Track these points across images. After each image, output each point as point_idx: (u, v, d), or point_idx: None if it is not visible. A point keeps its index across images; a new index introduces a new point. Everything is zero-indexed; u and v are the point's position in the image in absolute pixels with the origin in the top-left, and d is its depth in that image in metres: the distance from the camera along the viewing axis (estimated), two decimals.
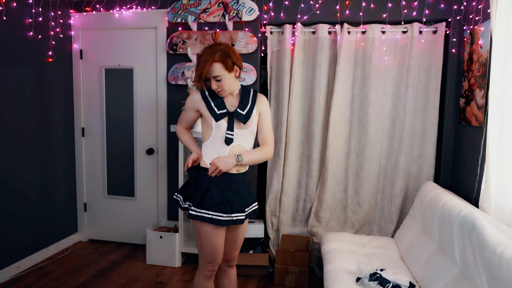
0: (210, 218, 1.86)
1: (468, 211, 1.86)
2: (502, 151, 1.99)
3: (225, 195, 1.90)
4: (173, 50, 3.29)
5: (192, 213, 1.89)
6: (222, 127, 1.91)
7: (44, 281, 2.92)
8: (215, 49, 1.83)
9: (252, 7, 3.10)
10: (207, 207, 1.87)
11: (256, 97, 2.02)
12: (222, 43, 1.88)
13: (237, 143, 1.94)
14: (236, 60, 1.87)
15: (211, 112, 1.92)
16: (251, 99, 1.99)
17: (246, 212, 1.99)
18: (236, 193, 1.94)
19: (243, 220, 1.96)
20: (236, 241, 2.08)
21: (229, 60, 1.84)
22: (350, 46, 2.99)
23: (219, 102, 1.93)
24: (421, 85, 2.93)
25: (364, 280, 2.07)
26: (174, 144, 3.44)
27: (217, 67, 1.82)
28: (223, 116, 1.91)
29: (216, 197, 1.88)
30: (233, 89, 1.95)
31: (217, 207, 1.87)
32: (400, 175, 2.95)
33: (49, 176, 3.37)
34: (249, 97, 1.99)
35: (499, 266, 1.47)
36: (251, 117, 1.96)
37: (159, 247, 3.22)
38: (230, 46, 1.88)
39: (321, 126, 3.10)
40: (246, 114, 1.94)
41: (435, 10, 2.87)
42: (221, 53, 1.82)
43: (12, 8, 2.92)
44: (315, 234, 3.13)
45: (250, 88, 2.05)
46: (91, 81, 3.61)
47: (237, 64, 1.89)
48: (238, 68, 1.91)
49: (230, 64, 1.85)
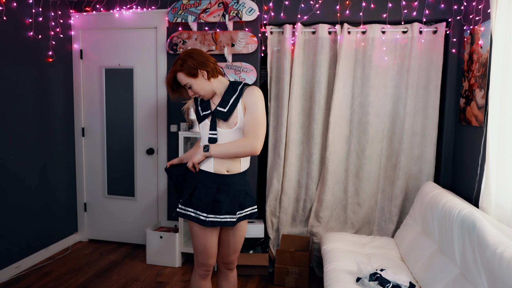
0: (195, 217, 1.86)
1: (468, 211, 1.86)
2: (502, 151, 1.99)
3: (213, 196, 1.85)
4: (173, 50, 3.29)
5: (179, 210, 1.91)
6: (206, 127, 1.91)
7: (44, 281, 2.92)
8: (177, 59, 1.88)
9: (252, 7, 3.10)
10: (195, 206, 1.87)
11: (243, 91, 1.89)
12: (186, 50, 1.91)
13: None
14: (197, 65, 1.83)
15: (196, 114, 1.96)
16: (236, 94, 1.88)
17: (238, 215, 1.91)
18: (227, 194, 1.87)
19: (234, 222, 1.89)
20: (233, 244, 2.01)
21: (188, 67, 1.83)
22: (350, 46, 2.99)
23: (206, 104, 1.94)
24: (421, 85, 2.93)
25: (364, 280, 2.07)
26: (174, 144, 3.44)
27: (181, 77, 1.86)
28: (206, 117, 1.91)
29: (203, 197, 1.85)
30: (213, 90, 1.91)
31: (204, 207, 1.85)
32: (400, 175, 2.95)
33: (49, 176, 3.37)
34: (234, 93, 1.88)
35: (499, 266, 1.47)
36: (234, 113, 1.86)
37: (159, 247, 3.22)
38: (190, 52, 1.86)
39: (321, 126, 3.10)
40: (228, 111, 1.85)
41: (435, 10, 2.87)
42: (181, 61, 1.85)
43: (12, 8, 2.92)
44: (315, 234, 3.13)
45: (239, 83, 1.93)
46: (91, 81, 3.61)
47: (200, 68, 1.84)
48: (204, 71, 1.85)
49: (191, 69, 1.84)
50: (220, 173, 1.87)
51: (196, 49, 1.90)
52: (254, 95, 1.86)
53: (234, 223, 1.89)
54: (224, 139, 1.87)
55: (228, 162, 1.88)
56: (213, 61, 1.91)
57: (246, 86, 1.91)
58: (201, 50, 1.91)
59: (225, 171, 1.89)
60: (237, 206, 1.91)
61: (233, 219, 1.88)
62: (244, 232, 2.04)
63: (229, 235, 1.99)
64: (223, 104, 1.88)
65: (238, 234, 2.01)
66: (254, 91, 1.87)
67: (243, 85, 1.92)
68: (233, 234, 1.99)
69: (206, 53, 1.91)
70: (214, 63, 1.90)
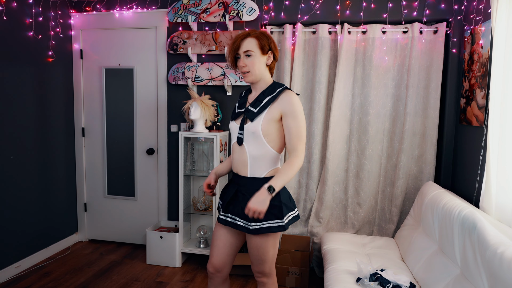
0: (219, 207, 1.95)
1: (469, 211, 1.85)
2: (502, 151, 1.99)
3: (227, 190, 1.90)
4: (173, 50, 3.29)
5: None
6: (235, 126, 1.85)
7: (44, 281, 2.92)
8: (253, 29, 1.79)
9: (252, 7, 3.09)
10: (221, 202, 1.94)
11: (280, 94, 1.74)
12: (260, 30, 1.80)
13: (245, 144, 1.79)
14: (272, 46, 1.78)
15: (232, 112, 1.93)
16: (272, 95, 1.75)
17: (250, 223, 1.75)
18: (231, 193, 1.84)
19: (239, 226, 1.78)
20: (250, 252, 1.84)
21: (266, 41, 1.75)
22: (350, 46, 2.99)
23: (242, 101, 1.88)
24: (422, 85, 2.92)
25: (364, 280, 2.07)
26: (174, 144, 3.44)
27: (251, 42, 1.74)
28: (240, 115, 1.84)
29: (226, 191, 1.92)
30: (261, 77, 1.79)
31: (223, 204, 1.90)
32: (401, 175, 2.95)
33: (49, 176, 3.37)
34: (271, 93, 1.76)
35: (499, 266, 1.46)
36: (259, 117, 1.74)
37: (159, 247, 3.22)
38: (268, 34, 1.80)
39: (322, 126, 3.10)
40: (258, 112, 1.75)
41: (436, 10, 2.86)
42: (260, 33, 1.76)
43: (12, 8, 2.92)
44: (316, 234, 3.13)
45: (281, 85, 1.79)
46: (91, 81, 3.60)
47: (273, 50, 1.78)
48: (273, 56, 1.79)
49: (265, 44, 1.75)
50: (235, 172, 1.88)
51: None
52: (293, 102, 1.71)
53: (238, 227, 1.80)
54: (248, 140, 1.78)
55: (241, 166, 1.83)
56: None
57: (285, 89, 1.77)
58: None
59: (236, 171, 1.87)
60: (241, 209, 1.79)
61: (239, 223, 1.79)
62: (260, 243, 1.79)
63: (247, 240, 1.85)
64: (255, 104, 1.78)
65: (253, 242, 1.80)
66: (292, 97, 1.73)
67: (283, 88, 1.78)
68: (249, 240, 1.83)
69: None
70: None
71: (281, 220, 1.75)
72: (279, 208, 1.75)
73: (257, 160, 1.78)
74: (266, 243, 1.78)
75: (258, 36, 1.75)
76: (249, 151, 1.78)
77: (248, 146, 1.78)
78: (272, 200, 1.71)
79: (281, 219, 1.75)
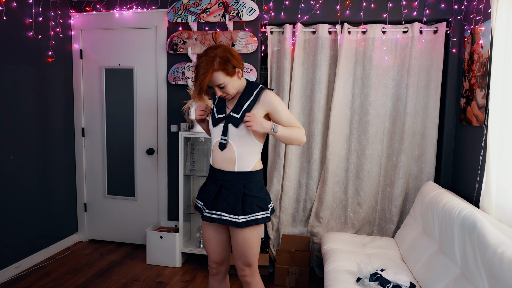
0: (199, 207, 1.97)
1: (469, 211, 1.85)
2: (502, 151, 1.99)
3: (209, 189, 1.91)
4: (173, 50, 3.29)
5: (195, 204, 2.02)
6: (218, 131, 1.85)
7: (44, 281, 2.92)
8: (212, 56, 1.69)
9: (252, 7, 3.09)
10: (202, 198, 1.97)
11: (259, 95, 1.80)
12: (218, 46, 1.73)
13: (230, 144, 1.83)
14: (236, 63, 1.74)
15: (212, 116, 1.91)
16: (251, 99, 1.80)
17: (228, 216, 1.80)
18: (215, 190, 1.85)
19: (226, 221, 1.80)
20: (236, 247, 1.87)
21: (229, 65, 1.71)
22: (350, 46, 2.99)
23: (221, 105, 1.88)
24: (422, 85, 2.92)
25: (364, 280, 2.07)
26: (174, 144, 3.44)
27: (218, 76, 1.71)
28: (221, 121, 1.84)
29: (205, 190, 1.94)
30: (239, 90, 1.84)
31: (207, 201, 1.91)
32: (401, 175, 2.95)
33: (49, 176, 3.36)
34: (249, 97, 1.81)
35: (499, 266, 1.46)
36: (243, 122, 1.79)
37: (159, 247, 3.22)
38: (227, 48, 1.74)
39: (322, 126, 3.10)
40: (241, 118, 1.79)
41: (436, 10, 2.86)
42: (220, 59, 1.69)
43: (12, 8, 2.92)
44: (316, 234, 3.13)
45: (256, 86, 1.84)
46: (91, 81, 3.60)
47: (238, 66, 1.76)
48: (240, 69, 1.78)
49: (231, 69, 1.72)
50: (215, 167, 1.87)
51: (227, 46, 1.77)
52: (272, 99, 1.80)
53: (220, 221, 1.82)
54: (234, 139, 1.82)
55: (226, 161, 1.85)
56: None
57: (262, 90, 1.82)
58: (229, 46, 1.83)
59: (218, 167, 1.86)
60: (240, 207, 1.80)
61: (222, 217, 1.82)
62: (246, 238, 1.83)
63: (231, 235, 1.89)
64: (237, 110, 1.80)
65: (238, 237, 1.85)
66: (270, 96, 1.80)
67: (259, 89, 1.82)
68: (233, 235, 1.87)
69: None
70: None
71: (266, 212, 1.86)
72: (264, 200, 1.85)
73: (245, 155, 1.84)
74: (252, 235, 1.85)
75: (222, 67, 1.69)
76: (237, 149, 1.83)
77: (235, 144, 1.83)
78: (258, 193, 1.83)
79: (266, 211, 1.86)
